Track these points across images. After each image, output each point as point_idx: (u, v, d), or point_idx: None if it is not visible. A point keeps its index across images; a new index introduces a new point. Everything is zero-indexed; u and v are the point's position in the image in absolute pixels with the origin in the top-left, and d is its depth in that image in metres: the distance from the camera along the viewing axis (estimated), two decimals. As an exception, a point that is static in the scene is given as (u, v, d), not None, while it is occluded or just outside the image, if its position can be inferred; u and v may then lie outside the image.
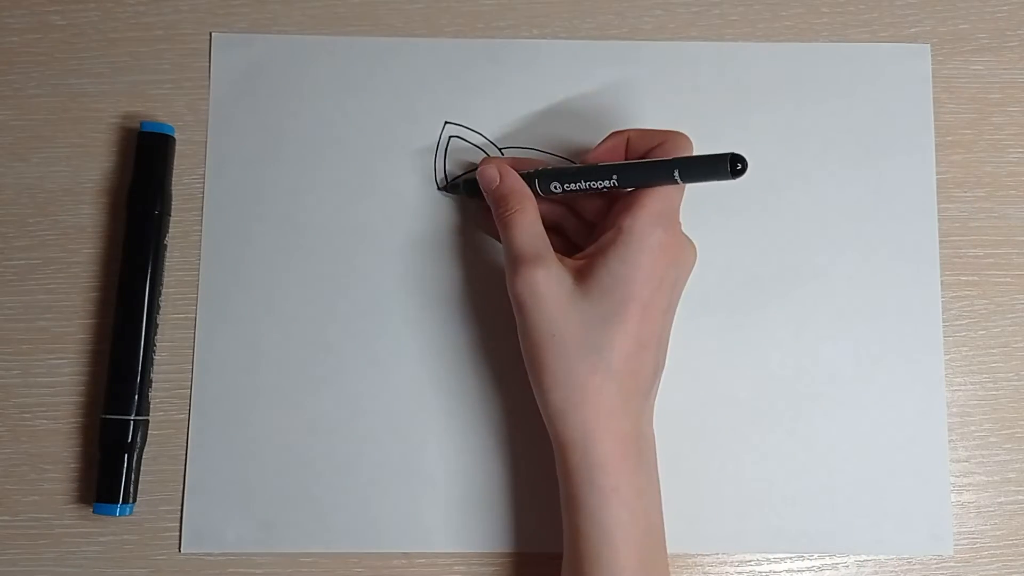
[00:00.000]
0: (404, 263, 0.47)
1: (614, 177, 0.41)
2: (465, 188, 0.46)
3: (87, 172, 0.47)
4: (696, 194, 0.47)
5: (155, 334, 0.46)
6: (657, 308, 0.41)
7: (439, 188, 0.47)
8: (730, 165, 0.38)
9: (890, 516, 0.46)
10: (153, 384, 0.46)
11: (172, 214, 0.47)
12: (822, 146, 0.48)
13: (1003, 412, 0.47)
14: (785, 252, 0.47)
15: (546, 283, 0.40)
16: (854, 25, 0.49)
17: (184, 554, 0.45)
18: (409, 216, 0.47)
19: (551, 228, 0.45)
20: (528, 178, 0.44)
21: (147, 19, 0.49)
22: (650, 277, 0.40)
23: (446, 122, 0.48)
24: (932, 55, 0.49)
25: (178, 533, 0.45)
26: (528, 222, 0.42)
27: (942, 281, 0.47)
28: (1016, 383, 0.47)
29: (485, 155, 0.47)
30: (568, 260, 0.42)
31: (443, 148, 0.48)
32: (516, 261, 0.41)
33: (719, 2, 0.49)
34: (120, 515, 0.44)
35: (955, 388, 0.47)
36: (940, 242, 0.48)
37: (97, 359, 0.46)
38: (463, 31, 0.49)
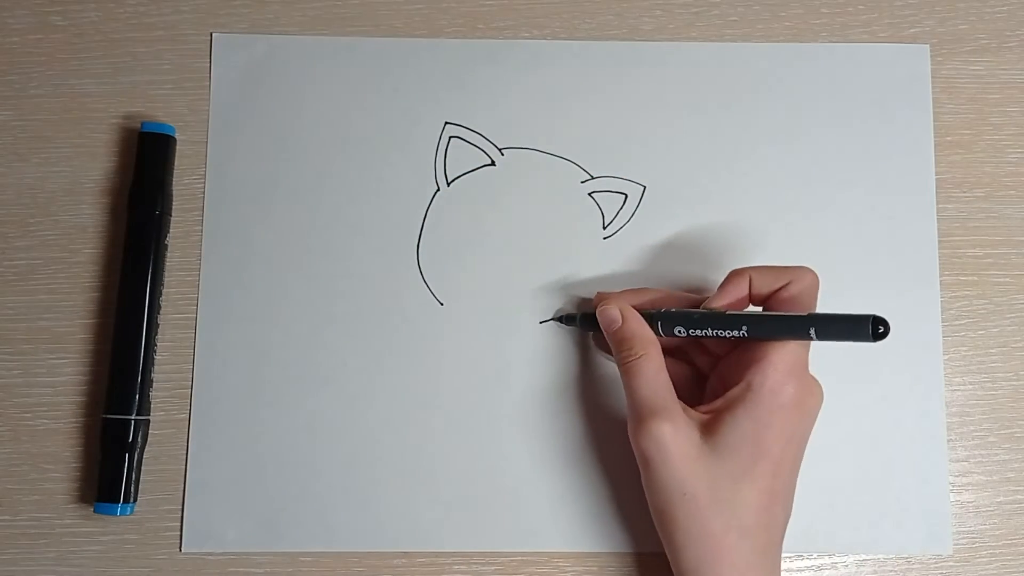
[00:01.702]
0: (404, 262, 0.47)
1: (744, 328, 0.40)
2: (582, 322, 0.45)
3: (88, 172, 0.48)
4: (694, 194, 0.48)
5: (156, 334, 0.46)
6: (788, 463, 0.40)
7: (548, 320, 0.46)
8: (872, 328, 0.36)
9: (889, 516, 0.46)
10: (154, 384, 0.46)
11: (173, 214, 0.47)
12: (821, 146, 0.48)
13: (1002, 412, 0.47)
14: (784, 252, 0.47)
15: (673, 438, 0.39)
16: (854, 25, 0.49)
17: (185, 554, 0.45)
18: (409, 216, 0.47)
19: (671, 351, 0.43)
20: (650, 319, 0.42)
21: (148, 19, 0.49)
22: (781, 434, 0.40)
23: (446, 122, 0.48)
24: (931, 56, 0.49)
25: (179, 533, 0.45)
26: (653, 370, 0.41)
27: (941, 281, 0.47)
28: (1015, 383, 0.47)
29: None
30: (693, 412, 0.41)
31: (443, 148, 0.48)
32: (641, 413, 0.40)
33: (719, 2, 0.49)
34: (121, 515, 0.44)
35: (954, 388, 0.47)
36: (940, 242, 0.48)
37: (98, 359, 0.46)
38: (463, 31, 0.49)
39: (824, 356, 0.46)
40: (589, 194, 0.48)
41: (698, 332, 0.41)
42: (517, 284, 0.47)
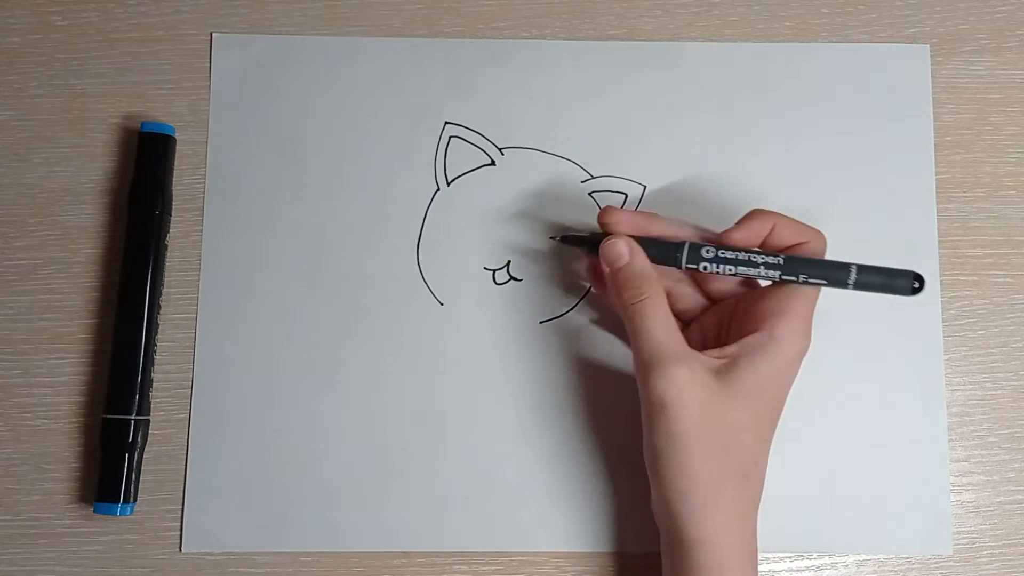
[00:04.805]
0: (404, 262, 0.47)
1: (780, 266, 0.40)
2: (590, 242, 0.43)
3: (88, 172, 0.48)
4: (694, 194, 0.48)
5: (156, 334, 0.46)
6: (778, 414, 0.41)
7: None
8: (912, 283, 0.39)
9: (890, 516, 0.46)
10: (154, 384, 0.46)
11: (172, 214, 0.47)
12: (822, 146, 0.48)
13: (1002, 412, 0.47)
14: (785, 252, 0.47)
15: (692, 384, 0.38)
16: (854, 25, 0.49)
17: (185, 553, 0.45)
18: (409, 216, 0.47)
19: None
20: (673, 248, 0.41)
21: (148, 19, 0.49)
22: (787, 385, 0.40)
23: (446, 122, 0.48)
24: (931, 55, 0.49)
25: (179, 532, 0.45)
26: (663, 313, 0.40)
27: (942, 281, 0.47)
28: (1015, 383, 0.47)
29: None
30: (703, 357, 0.40)
31: (443, 148, 0.48)
32: (658, 357, 0.39)
33: (719, 2, 0.49)
34: (121, 515, 0.44)
35: (954, 388, 0.47)
36: (940, 242, 0.48)
37: (98, 359, 0.46)
38: (463, 31, 0.49)
39: (824, 356, 0.46)
40: (589, 194, 0.48)
41: (728, 266, 0.40)
42: (517, 284, 0.47)
